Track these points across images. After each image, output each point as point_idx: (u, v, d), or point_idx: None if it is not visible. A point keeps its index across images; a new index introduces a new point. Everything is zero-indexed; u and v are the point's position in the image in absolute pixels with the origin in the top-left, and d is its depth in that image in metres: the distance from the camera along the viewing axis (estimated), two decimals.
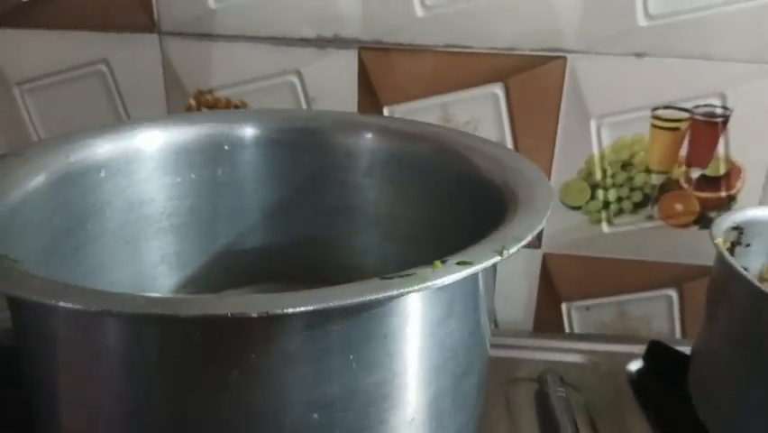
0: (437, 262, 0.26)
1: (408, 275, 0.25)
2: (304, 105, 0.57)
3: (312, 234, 0.49)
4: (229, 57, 0.56)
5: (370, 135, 0.46)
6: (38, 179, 0.36)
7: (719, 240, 0.42)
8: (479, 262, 0.26)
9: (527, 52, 0.53)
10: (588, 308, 0.62)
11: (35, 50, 0.58)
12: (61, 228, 0.38)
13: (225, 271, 0.49)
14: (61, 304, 0.23)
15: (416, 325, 0.28)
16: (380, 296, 0.24)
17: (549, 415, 0.47)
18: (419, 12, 0.53)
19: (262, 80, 0.56)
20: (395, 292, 0.24)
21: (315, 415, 0.26)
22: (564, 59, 0.53)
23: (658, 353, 0.53)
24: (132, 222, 0.43)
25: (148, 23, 0.56)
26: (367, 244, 0.48)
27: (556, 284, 0.61)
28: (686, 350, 0.50)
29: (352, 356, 0.26)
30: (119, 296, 0.25)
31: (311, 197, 0.48)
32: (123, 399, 0.28)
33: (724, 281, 0.42)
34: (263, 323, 0.24)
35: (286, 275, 0.49)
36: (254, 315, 0.22)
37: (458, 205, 0.43)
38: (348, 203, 0.47)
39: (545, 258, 0.60)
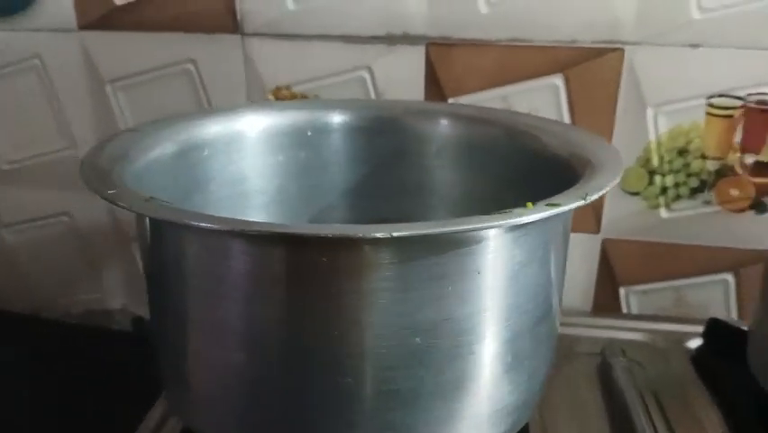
0: (529, 204, 0.29)
1: (505, 212, 0.28)
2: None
3: (387, 213, 0.53)
4: (305, 55, 0.60)
5: (441, 121, 0.50)
6: (155, 153, 0.41)
7: None
8: (565, 204, 0.29)
9: (587, 45, 0.56)
10: (645, 292, 0.64)
11: (128, 50, 0.63)
12: (172, 198, 0.43)
13: None
14: (204, 225, 0.27)
15: (504, 263, 0.31)
16: (483, 225, 0.27)
17: (612, 385, 0.50)
18: (483, 8, 0.57)
19: (335, 76, 0.61)
20: (495, 223, 0.27)
21: (418, 339, 0.30)
22: (622, 50, 0.56)
23: (717, 330, 0.55)
24: (230, 197, 0.48)
25: (231, 25, 0.61)
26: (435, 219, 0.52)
27: (615, 269, 0.63)
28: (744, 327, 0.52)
29: (450, 288, 0.30)
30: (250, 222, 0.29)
31: (386, 178, 0.52)
32: (243, 318, 0.32)
33: None
34: (376, 248, 0.28)
35: None
36: (379, 235, 0.26)
37: (528, 181, 0.46)
38: (421, 184, 0.51)
39: (604, 243, 0.62)
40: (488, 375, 0.34)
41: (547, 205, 0.29)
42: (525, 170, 0.46)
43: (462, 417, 0.34)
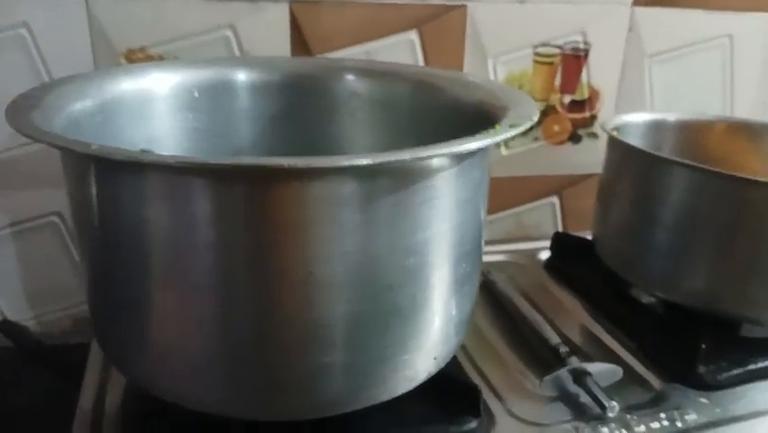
0: (496, 126, 0.34)
1: (480, 134, 0.32)
2: None
3: None
4: (160, 14, 0.57)
5: (346, 76, 0.51)
6: (66, 112, 0.37)
7: (611, 130, 0.55)
8: (522, 125, 0.34)
9: (436, 2, 0.62)
10: (492, 222, 0.73)
11: None
12: None
13: None
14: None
15: (466, 185, 0.35)
16: (482, 143, 0.31)
17: (500, 296, 0.57)
18: None
19: (196, 36, 0.58)
20: (491, 141, 0.32)
21: (396, 261, 0.33)
22: (465, 6, 0.63)
23: (562, 240, 0.66)
24: None
25: None
26: None
27: None
28: None
29: (429, 206, 0.33)
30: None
31: (295, 134, 0.52)
32: (213, 257, 0.31)
33: (618, 161, 0.55)
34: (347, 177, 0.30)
35: None
36: (365, 161, 0.28)
37: (434, 136, 0.50)
38: (330, 138, 0.52)
39: None
40: (452, 287, 0.37)
41: (510, 126, 0.34)
42: (433, 124, 0.49)
43: (438, 327, 0.37)
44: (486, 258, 0.65)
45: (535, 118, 0.37)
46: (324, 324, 0.33)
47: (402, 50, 0.63)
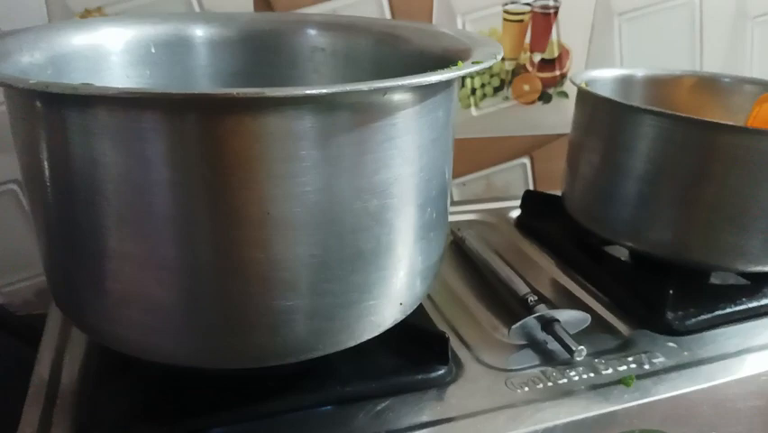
0: (459, 63, 0.33)
1: (449, 67, 0.32)
2: None
3: None
4: None
5: (308, 31, 0.50)
6: (24, 59, 0.36)
7: (581, 83, 0.55)
8: (487, 60, 0.33)
9: None
10: (464, 183, 0.73)
11: None
12: None
13: None
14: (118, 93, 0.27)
15: (431, 124, 0.34)
16: (443, 77, 0.30)
17: (470, 251, 0.57)
18: None
19: None
20: (453, 74, 0.31)
21: (357, 203, 0.32)
22: None
23: (532, 198, 0.65)
24: None
25: None
26: None
27: None
28: None
29: (394, 148, 0.32)
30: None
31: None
32: (170, 197, 0.30)
33: (587, 114, 0.55)
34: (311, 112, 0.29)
35: None
36: (325, 91, 0.27)
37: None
38: None
39: None
40: (419, 232, 0.37)
41: (472, 63, 0.33)
42: (400, 71, 0.48)
43: (404, 273, 0.37)
44: (456, 217, 0.66)
45: (500, 56, 0.36)
46: (284, 267, 0.32)
47: (368, 7, 0.62)
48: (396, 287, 0.36)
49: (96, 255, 0.32)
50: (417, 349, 0.41)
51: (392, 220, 0.35)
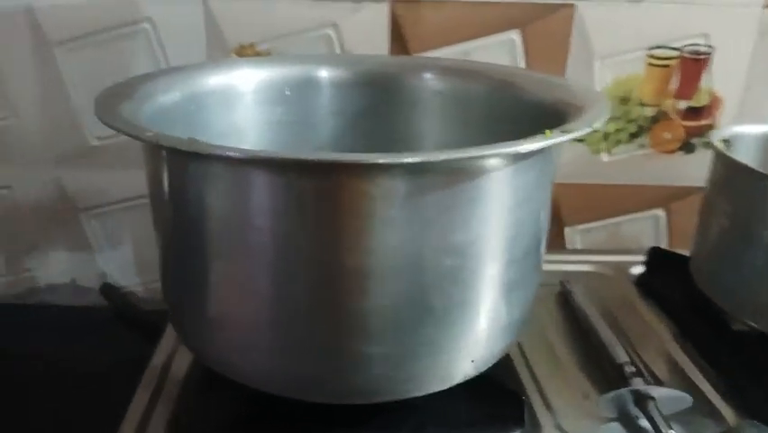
0: (547, 132, 0.33)
1: (535, 136, 0.32)
2: None
3: None
4: (270, 12, 0.60)
5: (424, 74, 0.52)
6: (157, 102, 0.41)
7: (718, 143, 0.51)
8: (577, 130, 0.33)
9: (541, 1, 0.60)
10: (588, 230, 0.70)
11: (75, 8, 0.60)
12: None
13: None
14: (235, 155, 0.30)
15: (517, 190, 0.35)
16: (519, 148, 0.31)
17: (574, 307, 0.55)
18: None
19: (301, 34, 0.61)
20: (535, 146, 0.31)
21: (436, 261, 0.33)
22: (573, 6, 0.61)
23: (659, 256, 0.62)
24: None
25: None
26: None
27: (560, 211, 0.69)
28: None
29: (471, 210, 0.33)
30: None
31: (372, 130, 0.54)
32: (274, 242, 0.33)
33: (723, 177, 0.51)
34: (391, 175, 0.31)
35: None
36: (408, 160, 0.29)
37: (510, 132, 0.49)
38: (406, 135, 0.53)
39: None
40: (499, 292, 0.37)
41: (562, 132, 0.33)
42: (509, 122, 0.49)
43: (479, 330, 0.37)
44: (571, 267, 0.64)
45: (597, 126, 0.35)
46: (362, 314, 0.34)
47: (502, 49, 0.62)
48: (467, 344, 0.37)
49: (200, 289, 0.36)
50: (494, 404, 0.41)
51: (466, 279, 0.35)
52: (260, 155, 0.32)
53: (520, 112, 0.47)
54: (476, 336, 0.37)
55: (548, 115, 0.44)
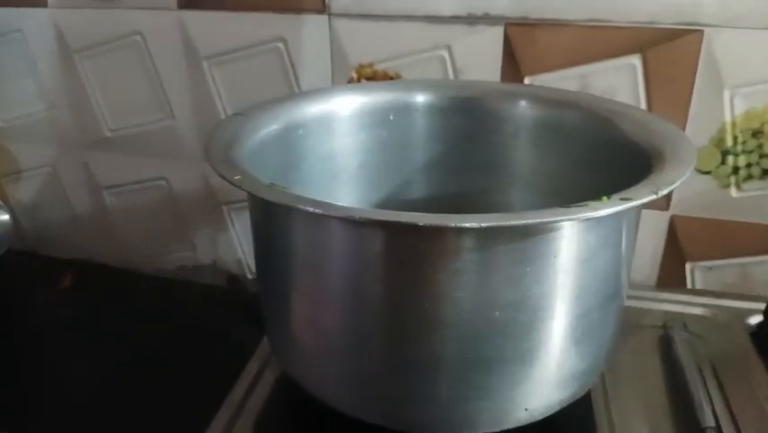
0: (604, 198, 0.32)
1: (583, 205, 0.31)
2: (452, 76, 0.64)
3: (463, 188, 0.56)
4: (388, 34, 0.63)
5: (519, 102, 0.53)
6: (261, 134, 0.46)
7: None
8: (637, 198, 0.32)
9: (666, 26, 0.57)
10: (711, 268, 0.66)
11: (223, 29, 0.68)
12: (272, 176, 0.47)
13: None
14: (314, 210, 0.33)
15: (578, 249, 0.35)
16: (560, 218, 0.31)
17: (673, 357, 0.53)
18: None
19: (416, 54, 0.64)
20: (571, 216, 0.31)
21: (497, 313, 0.34)
22: (702, 32, 0.57)
23: None
24: (318, 174, 0.52)
25: (320, 6, 0.64)
26: (512, 197, 0.55)
27: (682, 244, 0.65)
28: None
29: (528, 269, 0.33)
30: (355, 209, 0.34)
31: (464, 156, 0.55)
32: (345, 291, 0.37)
33: None
34: (463, 235, 0.33)
35: None
36: (479, 225, 0.30)
37: (601, 163, 0.49)
38: (498, 162, 0.54)
39: (672, 219, 0.64)
40: (559, 346, 0.38)
41: (621, 199, 0.32)
42: (601, 154, 0.48)
43: (534, 381, 0.38)
44: (682, 308, 0.60)
45: (662, 192, 0.34)
46: (424, 357, 0.37)
47: (621, 75, 0.60)
48: (519, 393, 0.38)
49: (292, 323, 0.41)
50: None
51: (522, 332, 0.36)
52: (334, 212, 0.33)
53: (617, 149, 0.47)
54: (531, 387, 0.38)
55: (642, 158, 0.43)
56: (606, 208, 0.31)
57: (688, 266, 0.66)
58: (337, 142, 0.52)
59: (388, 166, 0.56)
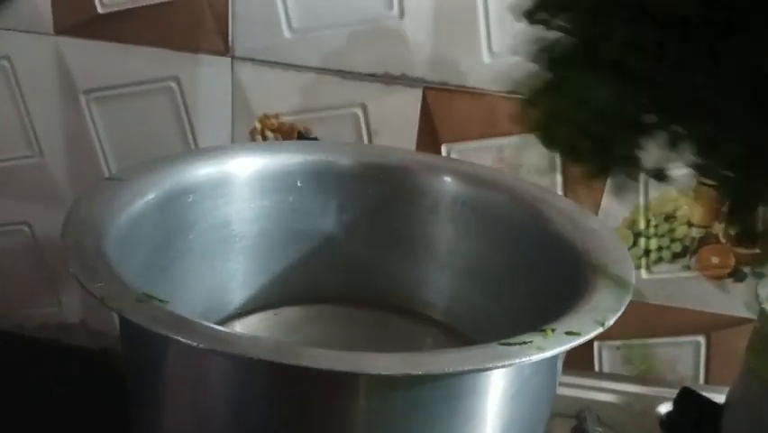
0: (548, 331, 0.28)
1: (525, 342, 0.27)
2: (365, 137, 0.59)
3: (371, 261, 0.51)
4: (298, 85, 0.58)
5: (442, 176, 0.49)
6: (139, 204, 0.39)
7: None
8: (585, 334, 0.28)
9: None
10: (618, 348, 0.64)
11: (108, 61, 0.60)
12: (153, 247, 0.40)
13: (284, 289, 0.51)
14: (188, 342, 0.25)
15: (511, 385, 0.30)
16: (504, 363, 0.26)
17: None
18: (486, 58, 0.55)
19: (327, 110, 0.59)
20: (516, 360, 0.26)
21: None
22: None
23: (688, 399, 0.55)
24: (211, 242, 0.46)
25: (222, 48, 0.58)
26: (426, 275, 0.51)
27: None
28: (711, 397, 0.53)
29: (457, 407, 0.29)
30: (236, 337, 0.27)
31: (376, 228, 0.50)
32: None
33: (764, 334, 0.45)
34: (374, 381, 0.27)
35: (342, 296, 0.51)
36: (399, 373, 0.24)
37: (521, 250, 0.45)
38: (413, 238, 0.50)
39: None
40: None
41: (566, 334, 0.28)
42: (523, 241, 0.45)
43: None
44: (592, 394, 0.58)
45: (609, 323, 0.30)
46: None
47: (538, 150, 0.58)
48: None
49: None
50: None
51: None
52: (220, 348, 0.26)
53: (544, 243, 0.43)
54: None
55: (569, 255, 0.39)
56: (552, 348, 0.27)
57: (596, 345, 0.65)
58: (234, 207, 0.46)
59: (292, 234, 0.50)
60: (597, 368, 0.65)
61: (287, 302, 0.52)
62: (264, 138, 0.60)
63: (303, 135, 0.60)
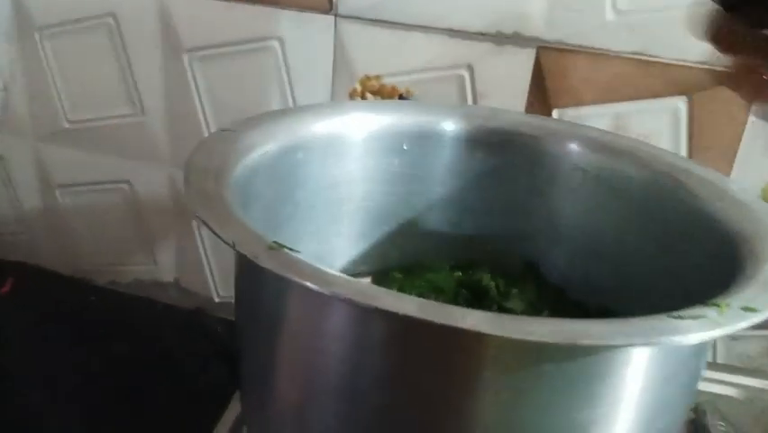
0: (722, 305, 0.24)
1: (698, 317, 0.24)
2: (470, 100, 0.56)
3: (479, 232, 0.48)
4: (402, 45, 0.55)
5: (561, 142, 0.45)
6: (254, 156, 0.37)
7: None
8: (764, 310, 0.24)
9: (720, 68, 0.50)
10: (734, 338, 0.59)
11: (212, 18, 0.59)
12: (264, 204, 0.39)
13: (385, 256, 0.49)
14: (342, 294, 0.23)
15: (667, 366, 0.27)
16: (676, 337, 0.23)
17: None
18: (609, 15, 0.51)
19: (431, 71, 0.56)
20: (694, 335, 0.23)
21: None
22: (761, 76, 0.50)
23: None
24: (318, 206, 0.44)
25: (326, 5, 0.56)
26: (536, 250, 0.47)
27: None
28: None
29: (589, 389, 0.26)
30: (380, 291, 0.25)
31: (484, 195, 0.47)
32: (340, 380, 0.28)
33: None
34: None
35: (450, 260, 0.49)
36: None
37: (656, 229, 0.41)
38: (528, 208, 0.46)
39: None
40: None
41: (743, 309, 0.24)
42: (675, 224, 0.40)
43: None
44: (717, 388, 0.53)
45: None
46: None
47: (661, 118, 0.53)
48: None
49: (270, 404, 0.32)
50: None
51: None
52: (363, 300, 0.24)
53: (685, 219, 0.39)
54: None
55: (718, 237, 0.35)
56: (731, 324, 0.24)
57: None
58: (343, 168, 0.44)
59: (395, 199, 0.47)
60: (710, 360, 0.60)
61: (387, 269, 0.50)
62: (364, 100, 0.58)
63: (403, 98, 0.57)
